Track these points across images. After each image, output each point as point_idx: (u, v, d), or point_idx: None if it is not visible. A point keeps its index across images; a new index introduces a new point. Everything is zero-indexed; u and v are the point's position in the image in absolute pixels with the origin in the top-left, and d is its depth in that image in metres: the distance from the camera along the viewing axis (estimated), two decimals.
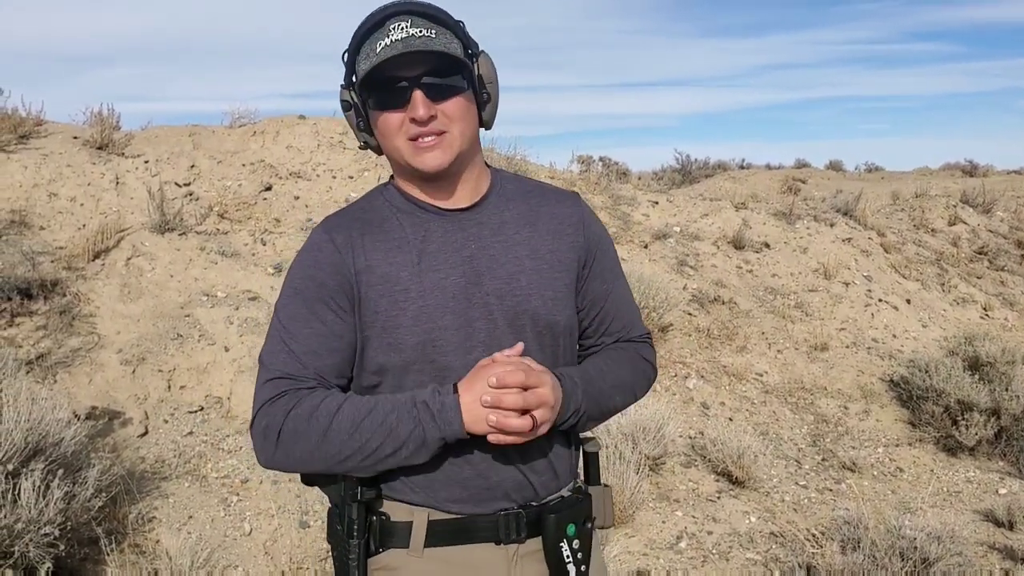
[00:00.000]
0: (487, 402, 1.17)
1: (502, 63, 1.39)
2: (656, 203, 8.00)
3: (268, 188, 6.44)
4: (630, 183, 9.50)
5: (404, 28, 1.22)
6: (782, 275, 7.09)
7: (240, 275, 5.43)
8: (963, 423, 5.04)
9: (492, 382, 1.17)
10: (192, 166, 6.48)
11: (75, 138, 6.44)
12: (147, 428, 4.19)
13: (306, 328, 1.28)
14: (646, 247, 6.95)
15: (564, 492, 1.37)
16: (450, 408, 1.19)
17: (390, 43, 1.21)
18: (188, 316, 4.94)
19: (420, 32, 1.23)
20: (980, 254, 8.88)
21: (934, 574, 3.35)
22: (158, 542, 3.49)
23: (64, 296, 4.83)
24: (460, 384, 1.21)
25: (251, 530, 3.66)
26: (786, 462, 4.80)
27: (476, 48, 1.31)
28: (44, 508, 2.95)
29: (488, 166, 1.42)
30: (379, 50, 1.22)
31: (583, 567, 1.32)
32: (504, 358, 1.21)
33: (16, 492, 2.95)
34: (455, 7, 1.32)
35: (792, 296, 6.79)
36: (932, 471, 4.95)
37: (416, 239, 1.31)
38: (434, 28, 1.25)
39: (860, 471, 4.81)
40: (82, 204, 5.71)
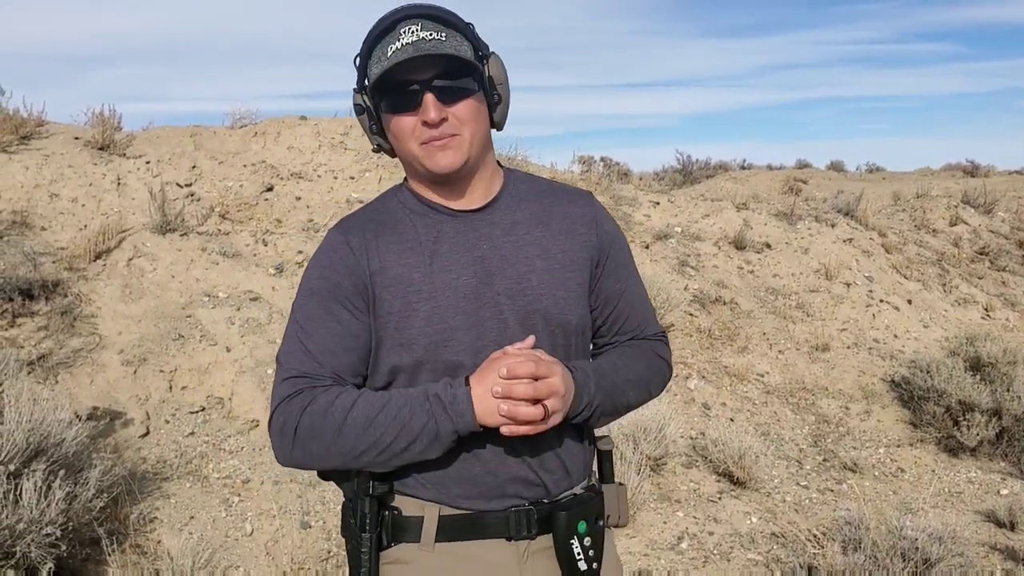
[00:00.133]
0: (498, 393, 1.18)
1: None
2: (657, 203, 8.00)
3: (269, 189, 6.44)
4: (631, 183, 9.50)
5: (415, 32, 1.23)
6: (783, 275, 7.09)
7: (241, 276, 5.44)
8: (964, 424, 5.03)
9: (503, 373, 1.18)
10: (193, 167, 6.49)
11: (76, 139, 6.45)
12: (148, 428, 4.20)
13: (322, 328, 1.30)
14: (647, 247, 6.96)
15: (577, 490, 1.37)
16: (462, 400, 1.20)
17: (401, 47, 1.22)
18: (189, 317, 4.94)
19: (430, 35, 1.24)
20: (981, 254, 8.88)
21: (935, 575, 3.35)
22: (159, 542, 3.49)
23: (65, 297, 4.84)
24: (472, 377, 1.23)
25: (252, 530, 3.67)
26: (787, 462, 4.80)
27: (486, 50, 1.32)
28: (46, 508, 2.96)
29: (501, 166, 1.43)
30: (390, 54, 1.23)
31: (595, 564, 1.32)
32: (515, 350, 1.22)
33: (18, 492, 2.96)
34: (459, 8, 1.33)
35: (793, 296, 6.79)
36: (933, 471, 4.95)
37: (428, 240, 1.33)
38: (444, 31, 1.26)
39: (861, 471, 4.81)
40: (83, 205, 5.72)
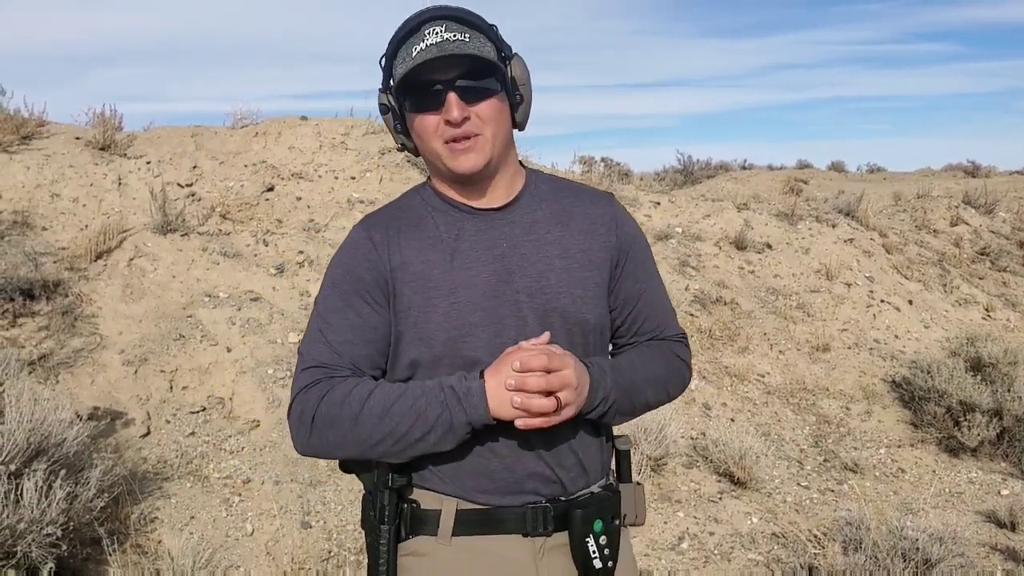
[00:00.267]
0: (511, 385, 1.20)
1: None
2: (658, 204, 8.00)
3: (270, 189, 6.44)
4: (632, 184, 9.50)
5: (439, 33, 1.26)
6: (784, 276, 7.09)
7: (242, 276, 5.44)
8: (965, 424, 5.03)
9: (516, 366, 1.20)
10: (194, 167, 6.49)
11: (77, 139, 6.45)
12: (149, 428, 4.20)
13: (343, 320, 1.33)
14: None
15: (594, 488, 1.39)
16: (476, 392, 1.22)
17: (425, 47, 1.25)
18: (190, 317, 4.95)
19: (454, 36, 1.26)
20: (982, 255, 8.87)
21: (936, 575, 3.35)
22: (160, 542, 3.49)
23: (66, 297, 4.84)
24: (487, 371, 1.24)
25: (253, 530, 3.67)
26: (788, 463, 4.80)
27: (509, 51, 1.34)
28: (46, 508, 2.96)
29: (523, 166, 1.45)
30: (415, 54, 1.26)
31: (610, 563, 1.34)
32: (529, 345, 1.24)
33: (18, 492, 2.96)
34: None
35: (794, 297, 6.79)
36: (934, 472, 4.94)
37: (449, 238, 1.35)
38: (468, 32, 1.28)
39: (862, 472, 4.81)
40: (84, 205, 5.72)
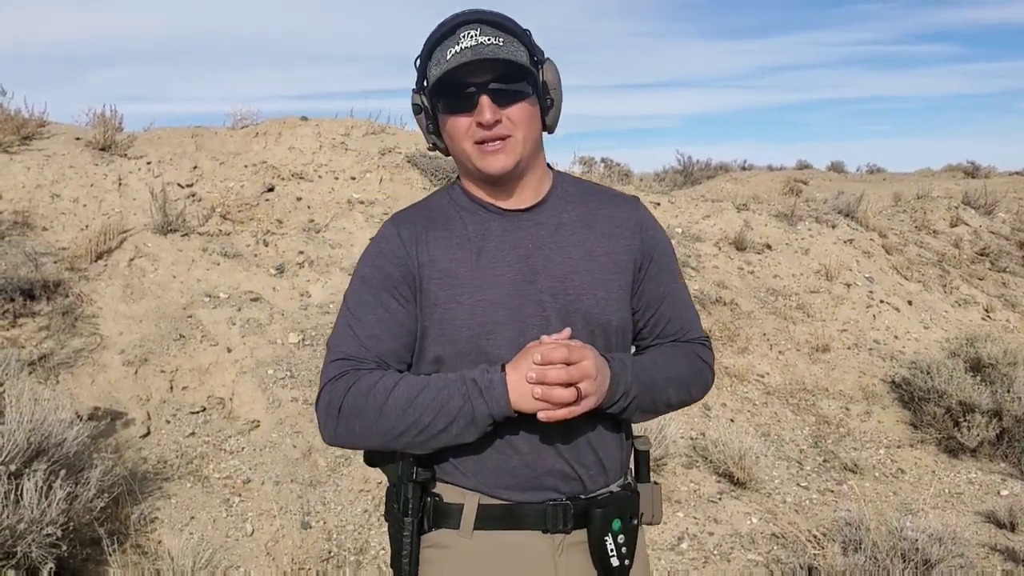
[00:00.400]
0: (532, 378, 1.22)
1: None
2: (658, 204, 8.00)
3: (270, 189, 6.45)
4: (632, 184, 9.51)
5: (474, 36, 1.28)
6: (784, 276, 7.09)
7: (242, 276, 5.44)
8: (965, 424, 5.03)
9: (536, 359, 1.22)
10: (194, 167, 6.49)
11: (78, 139, 6.46)
12: (149, 429, 4.20)
13: (370, 314, 1.37)
14: None
15: (613, 487, 1.41)
16: (497, 385, 1.25)
17: (460, 50, 1.28)
18: (190, 317, 4.95)
19: (489, 40, 1.29)
20: (982, 255, 8.87)
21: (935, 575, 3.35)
22: (160, 543, 3.49)
23: (67, 297, 4.84)
24: (508, 364, 1.27)
25: (253, 531, 3.67)
26: (787, 463, 4.80)
27: (541, 55, 1.37)
28: (46, 509, 2.96)
29: (551, 168, 1.47)
30: (449, 57, 1.28)
31: (627, 561, 1.36)
32: (550, 339, 1.26)
33: (19, 492, 2.96)
34: (459, 7, 1.34)
35: (794, 297, 6.79)
36: (934, 472, 4.95)
37: (476, 237, 1.39)
38: (502, 36, 1.31)
39: (862, 472, 4.81)
40: (85, 205, 5.73)
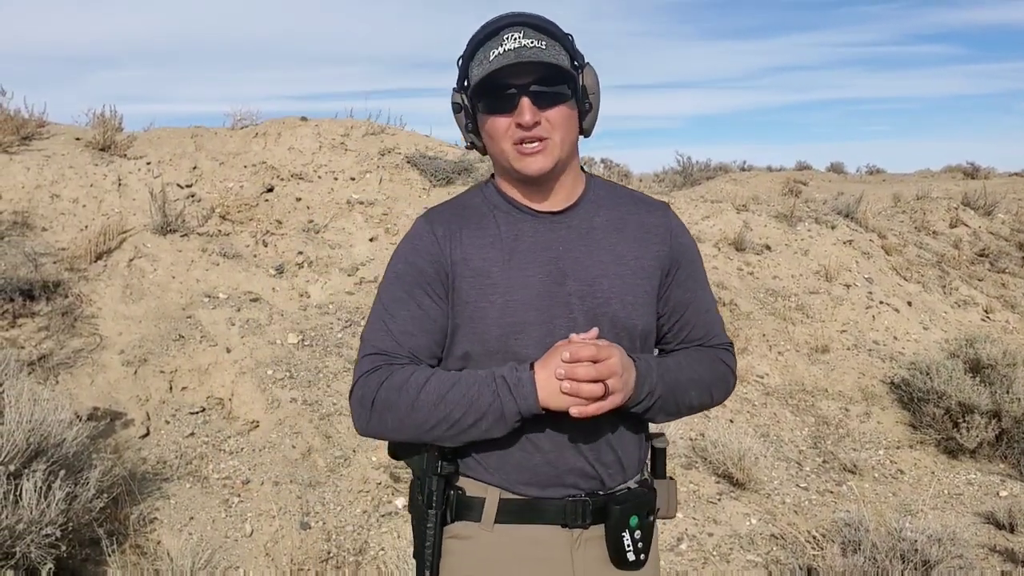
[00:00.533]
0: (561, 375, 1.25)
1: None
2: None
3: (270, 189, 6.44)
4: (631, 185, 9.51)
5: (517, 39, 1.31)
6: (783, 277, 7.09)
7: (241, 276, 5.44)
8: (964, 425, 5.03)
9: (565, 356, 1.25)
10: (194, 167, 6.49)
11: (77, 139, 6.46)
12: (148, 429, 4.20)
13: (404, 310, 1.40)
14: None
15: (631, 484, 1.45)
16: (526, 383, 1.28)
17: (503, 52, 1.31)
18: (190, 317, 4.95)
19: (532, 43, 1.31)
20: (981, 256, 8.88)
21: None
22: (159, 543, 3.49)
23: (66, 297, 4.84)
24: (537, 363, 1.30)
25: (252, 531, 3.67)
26: (787, 464, 4.80)
27: (582, 60, 1.39)
28: (46, 509, 2.96)
29: (584, 171, 1.50)
30: (492, 58, 1.31)
31: (642, 555, 1.41)
32: (579, 338, 1.29)
33: (18, 493, 2.96)
34: (460, 8, 1.35)
35: (793, 298, 6.79)
36: (933, 473, 4.95)
37: (509, 237, 1.41)
38: (545, 40, 1.33)
39: (861, 473, 4.81)
40: (84, 205, 5.73)
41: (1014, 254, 9.12)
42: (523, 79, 1.31)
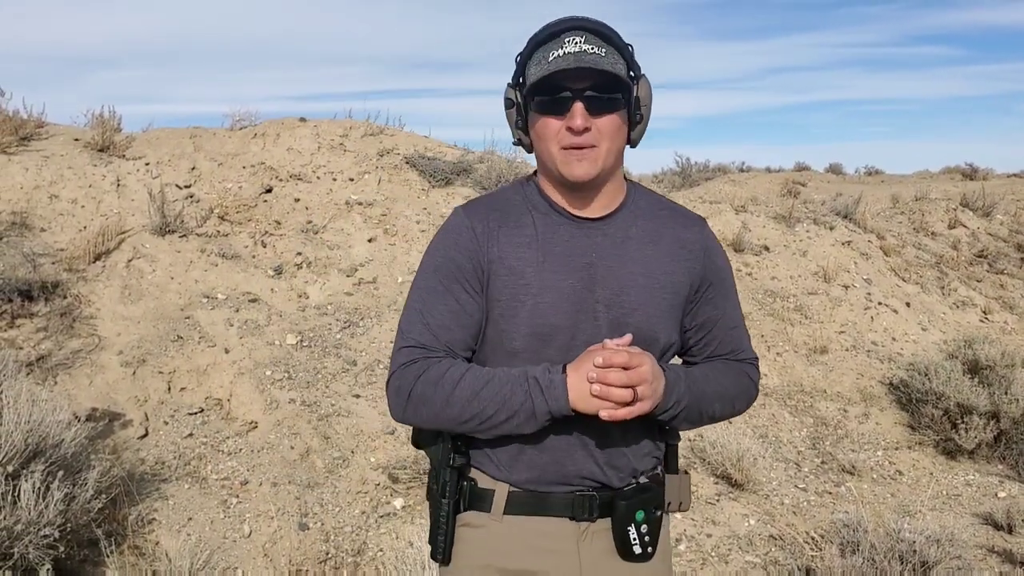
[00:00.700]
0: (592, 378, 1.28)
1: (504, 67, 1.44)
2: None
3: (268, 190, 6.44)
4: None
5: (578, 43, 1.33)
6: (781, 278, 7.09)
7: (240, 277, 5.44)
8: (962, 426, 5.04)
9: (598, 361, 1.28)
10: (193, 168, 6.49)
11: (76, 140, 6.45)
12: (147, 430, 4.20)
13: (441, 304, 1.42)
14: None
15: (641, 479, 1.48)
16: (558, 385, 1.31)
17: (563, 55, 1.32)
18: (188, 318, 4.95)
19: (592, 49, 1.33)
20: (980, 257, 8.88)
21: None
22: (158, 544, 3.49)
23: (65, 298, 4.84)
24: (570, 365, 1.33)
25: (250, 532, 3.67)
26: (785, 465, 4.80)
27: (639, 71, 1.41)
28: (44, 510, 2.96)
29: (627, 180, 1.51)
30: (552, 59, 1.33)
31: (649, 549, 1.45)
32: (612, 344, 1.32)
33: (16, 493, 2.96)
34: (460, 8, 1.36)
35: (791, 299, 6.79)
36: (931, 474, 4.95)
37: (545, 239, 1.43)
38: (605, 47, 1.35)
39: (859, 474, 4.81)
40: (83, 206, 5.72)
41: (1012, 255, 9.13)
42: (579, 84, 1.33)
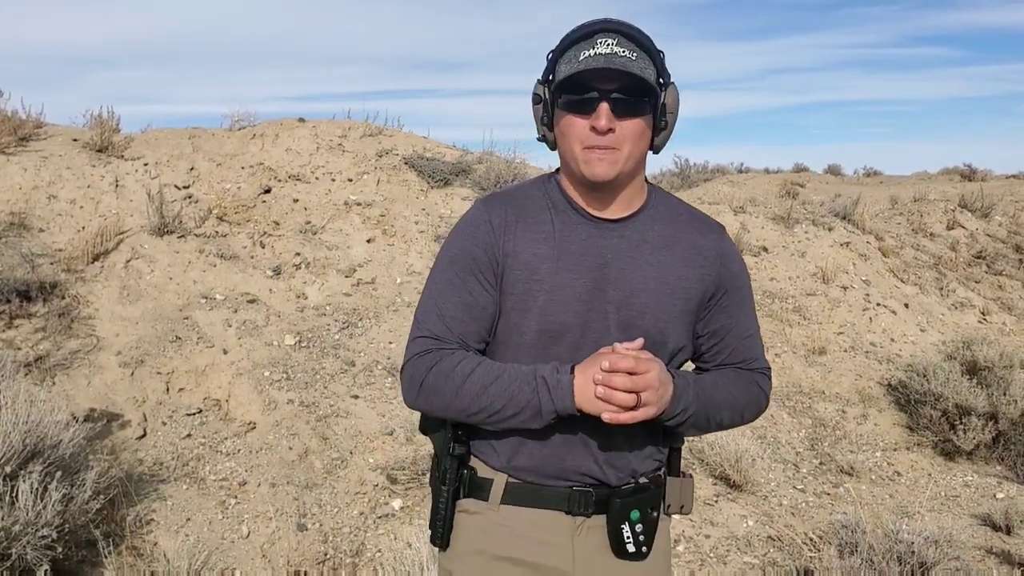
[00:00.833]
0: (598, 380, 1.29)
1: (504, 67, 1.44)
2: None
3: (267, 191, 6.44)
4: None
5: (610, 45, 1.34)
6: (780, 279, 7.10)
7: (239, 278, 5.44)
8: (961, 427, 5.04)
9: (604, 365, 1.29)
10: (191, 168, 6.49)
11: (75, 140, 6.45)
12: (145, 430, 4.19)
13: (456, 296, 1.44)
14: None
15: (640, 480, 1.50)
16: (565, 386, 1.34)
17: (593, 55, 1.34)
18: (187, 318, 4.94)
19: (623, 52, 1.34)
20: (978, 258, 8.89)
21: None
22: (156, 544, 3.49)
23: (63, 298, 4.84)
24: (578, 366, 1.35)
25: (249, 533, 3.66)
26: (784, 466, 4.80)
27: (668, 78, 1.42)
28: (42, 510, 2.95)
29: (648, 183, 1.52)
30: (582, 59, 1.34)
31: (643, 548, 1.46)
32: (622, 348, 1.33)
33: (14, 494, 2.95)
34: (459, 9, 1.36)
35: (790, 300, 6.80)
36: (930, 475, 4.95)
37: (561, 237, 1.45)
38: (636, 51, 1.36)
39: (858, 475, 4.81)
40: (81, 206, 5.72)
41: (1011, 256, 9.13)
42: (607, 85, 1.34)
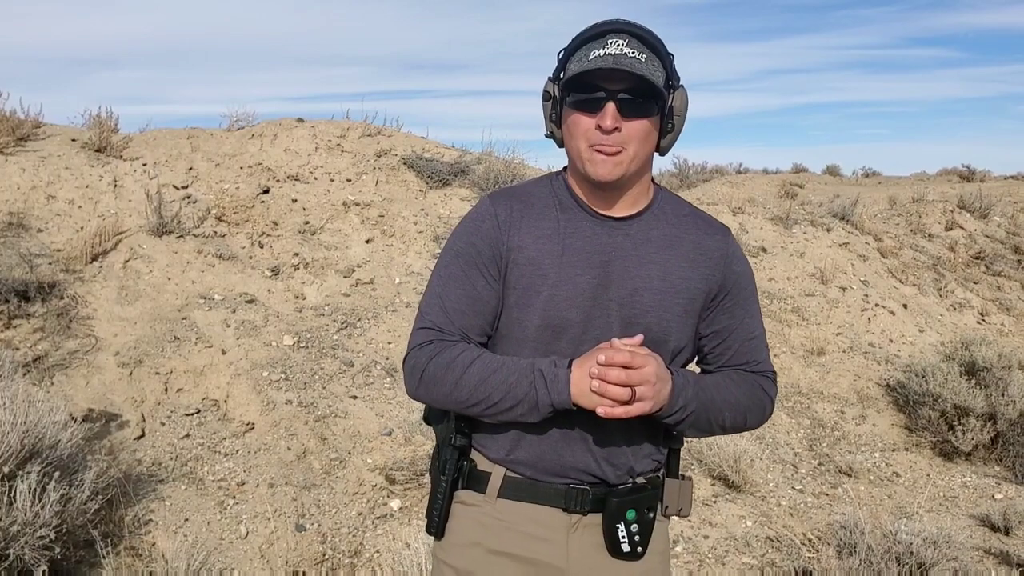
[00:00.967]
0: (594, 374, 1.30)
1: (502, 68, 1.45)
2: None
3: (266, 191, 6.44)
4: None
5: (620, 45, 1.35)
6: (779, 279, 7.10)
7: (237, 278, 5.43)
8: (959, 428, 5.04)
9: (600, 359, 1.30)
10: (190, 169, 6.48)
11: (73, 140, 6.45)
12: (144, 430, 4.19)
13: (459, 290, 1.46)
14: None
15: (638, 479, 1.50)
16: (562, 380, 1.35)
17: (603, 55, 1.35)
18: (185, 319, 4.94)
19: (632, 53, 1.35)
20: (977, 259, 8.90)
21: None
22: (154, 545, 3.48)
23: (61, 298, 4.83)
24: (575, 361, 1.36)
25: (247, 533, 3.66)
26: (783, 466, 4.80)
27: (677, 81, 1.43)
28: (40, 510, 2.95)
29: (654, 183, 1.53)
30: (591, 58, 1.36)
31: (638, 548, 1.47)
32: (620, 343, 1.33)
33: (12, 494, 2.95)
34: (457, 10, 1.37)
35: (789, 301, 6.80)
36: (928, 476, 4.95)
37: (566, 234, 1.46)
38: (646, 53, 1.37)
39: (856, 476, 4.81)
40: (80, 206, 5.72)
41: (1009, 257, 9.14)
42: (615, 85, 1.34)
